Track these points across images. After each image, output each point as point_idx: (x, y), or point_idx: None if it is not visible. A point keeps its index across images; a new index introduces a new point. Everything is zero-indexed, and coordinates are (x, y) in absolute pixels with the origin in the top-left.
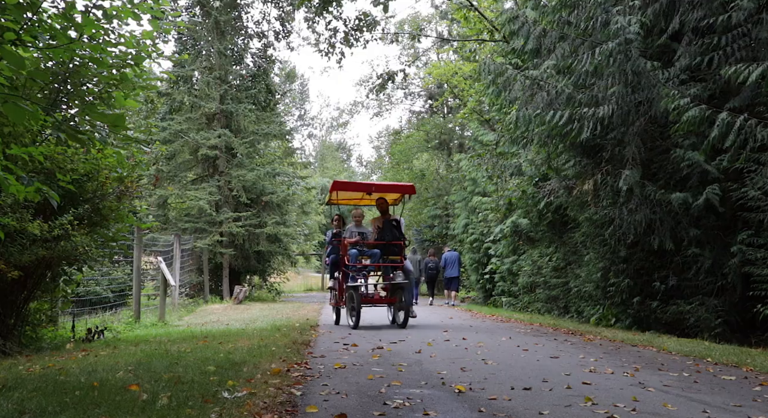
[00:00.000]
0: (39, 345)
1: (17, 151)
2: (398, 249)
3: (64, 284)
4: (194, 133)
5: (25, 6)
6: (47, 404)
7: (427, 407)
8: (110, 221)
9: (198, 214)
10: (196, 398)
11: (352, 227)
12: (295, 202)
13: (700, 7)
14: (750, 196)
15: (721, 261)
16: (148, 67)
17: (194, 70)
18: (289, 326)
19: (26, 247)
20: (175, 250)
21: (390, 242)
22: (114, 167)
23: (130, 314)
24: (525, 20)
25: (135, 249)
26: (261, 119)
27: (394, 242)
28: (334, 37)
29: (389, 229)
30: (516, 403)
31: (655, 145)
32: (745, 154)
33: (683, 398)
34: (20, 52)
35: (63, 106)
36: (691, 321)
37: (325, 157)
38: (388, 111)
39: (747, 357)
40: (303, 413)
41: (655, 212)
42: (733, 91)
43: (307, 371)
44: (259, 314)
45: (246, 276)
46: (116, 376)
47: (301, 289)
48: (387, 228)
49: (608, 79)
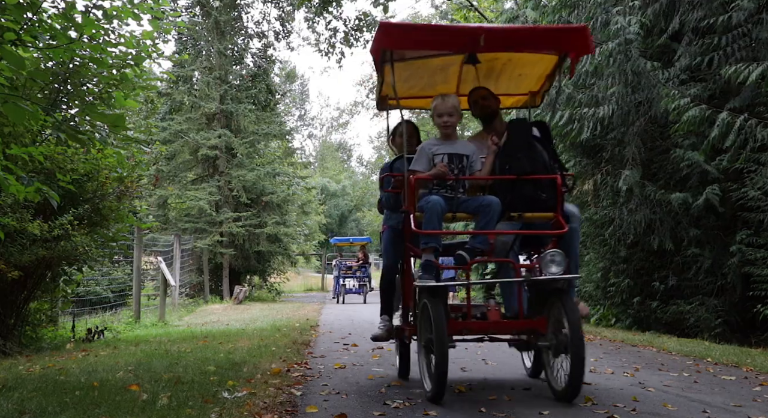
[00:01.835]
0: (39, 345)
1: (17, 151)
2: (549, 194)
3: (64, 284)
4: (194, 133)
5: (25, 6)
6: (47, 404)
7: (427, 407)
8: (110, 220)
9: (198, 214)
10: (196, 398)
11: (432, 143)
12: (295, 202)
13: (700, 7)
14: (750, 196)
15: (720, 261)
16: (148, 67)
17: (194, 70)
18: (289, 326)
19: (26, 247)
20: (175, 250)
21: (528, 175)
22: (114, 167)
23: (130, 314)
24: (525, 20)
25: (135, 249)
26: (261, 119)
27: (538, 176)
28: (334, 37)
29: (523, 144)
30: (516, 403)
31: (655, 145)
32: (745, 154)
33: (683, 398)
34: (20, 52)
35: (63, 106)
36: (691, 321)
37: (325, 157)
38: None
39: (747, 357)
40: (303, 413)
41: (655, 212)
42: (733, 91)
43: (307, 371)
44: (259, 314)
45: (246, 276)
46: (116, 376)
47: (301, 289)
48: (517, 143)
49: (608, 79)
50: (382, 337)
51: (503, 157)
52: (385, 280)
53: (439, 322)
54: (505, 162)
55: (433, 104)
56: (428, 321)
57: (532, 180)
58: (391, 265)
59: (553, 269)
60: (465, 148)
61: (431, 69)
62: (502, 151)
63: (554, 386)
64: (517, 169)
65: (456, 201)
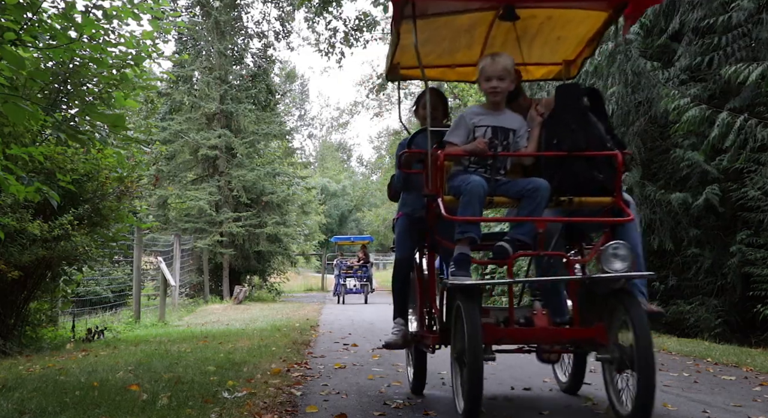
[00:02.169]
0: (39, 345)
1: (17, 151)
2: (606, 174)
3: (64, 284)
4: (194, 133)
5: (25, 6)
6: (47, 404)
7: (427, 407)
8: (110, 220)
9: (198, 214)
10: (196, 398)
11: (475, 112)
12: (295, 203)
13: (700, 7)
14: (750, 196)
15: (720, 261)
16: (148, 67)
17: (194, 70)
18: (289, 326)
19: (26, 247)
20: (175, 250)
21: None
22: (114, 167)
23: (130, 314)
24: None
25: (135, 249)
26: (261, 119)
27: (594, 153)
28: (334, 37)
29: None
30: (516, 403)
31: (655, 145)
32: (745, 154)
33: (683, 398)
34: (20, 52)
35: (63, 106)
36: (691, 321)
37: (325, 157)
38: (388, 111)
39: (747, 357)
40: (303, 413)
41: (655, 212)
42: (733, 91)
43: (307, 371)
44: (259, 314)
45: (246, 276)
46: (116, 376)
47: (301, 289)
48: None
49: (608, 79)
50: (397, 344)
51: (550, 129)
52: (399, 276)
53: (474, 330)
54: (553, 135)
55: (481, 65)
56: (462, 328)
57: (586, 157)
58: (405, 258)
59: (617, 265)
60: (513, 121)
61: (454, 29)
62: (548, 122)
63: (618, 409)
64: (568, 143)
65: (494, 183)
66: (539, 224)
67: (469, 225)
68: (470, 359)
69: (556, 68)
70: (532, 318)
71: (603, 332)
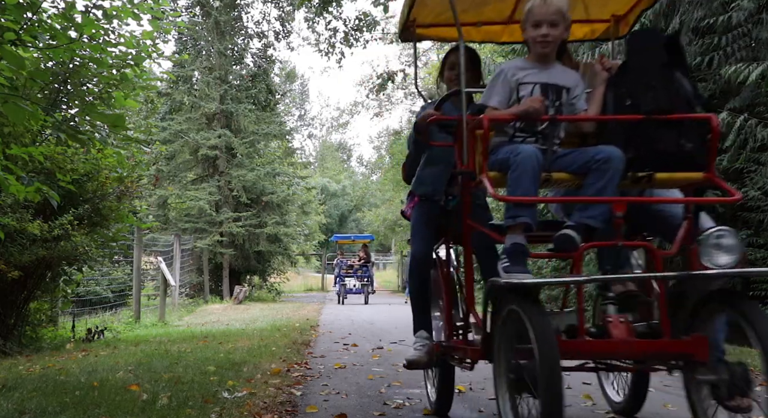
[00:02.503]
0: (39, 345)
1: (17, 151)
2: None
3: (64, 284)
4: (194, 133)
5: (25, 6)
6: (47, 404)
7: (427, 407)
8: (110, 221)
9: (198, 214)
10: (196, 398)
11: (518, 66)
12: (295, 203)
13: (700, 7)
14: (750, 196)
15: None
16: (148, 67)
17: (194, 70)
18: (289, 326)
19: (26, 247)
20: (175, 250)
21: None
22: (114, 167)
23: (130, 314)
24: None
25: (135, 249)
26: (261, 119)
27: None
28: (334, 37)
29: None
30: None
31: None
32: (745, 154)
33: (683, 398)
34: (20, 52)
35: (63, 106)
36: None
37: (325, 157)
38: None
39: (747, 357)
40: (303, 413)
41: None
42: (733, 91)
43: (307, 371)
44: (259, 314)
45: (246, 276)
46: (116, 376)
47: (301, 289)
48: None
49: None
50: (421, 362)
51: (621, 88)
52: (417, 275)
53: (548, 345)
54: (624, 96)
55: (528, 6)
56: (517, 339)
57: (669, 123)
58: (424, 252)
59: (722, 259)
60: (566, 77)
61: None
62: (617, 80)
63: None
64: (648, 104)
65: (551, 155)
66: (617, 206)
67: (521, 208)
68: (546, 382)
69: (602, 26)
70: (607, 327)
71: (704, 346)
